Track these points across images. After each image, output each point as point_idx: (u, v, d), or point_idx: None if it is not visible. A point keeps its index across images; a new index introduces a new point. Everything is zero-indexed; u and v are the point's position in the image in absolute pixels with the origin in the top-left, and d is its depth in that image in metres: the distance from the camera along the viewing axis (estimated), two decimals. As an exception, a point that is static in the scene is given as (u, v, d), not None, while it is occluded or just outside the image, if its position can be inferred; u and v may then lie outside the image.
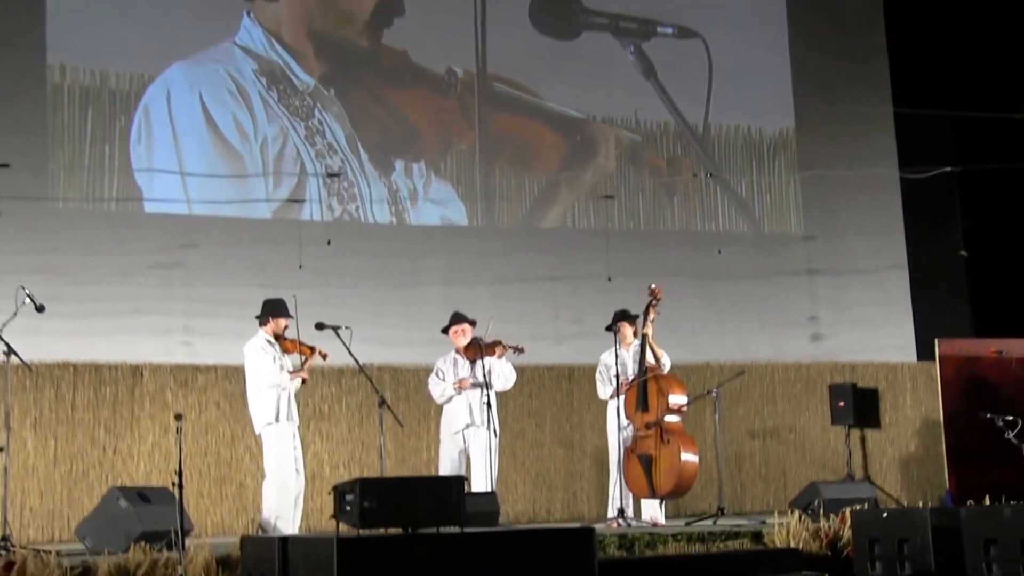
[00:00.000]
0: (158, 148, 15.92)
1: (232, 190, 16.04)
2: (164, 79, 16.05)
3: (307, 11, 16.97)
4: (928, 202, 18.69)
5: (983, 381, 15.75)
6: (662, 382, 13.26)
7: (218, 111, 16.25)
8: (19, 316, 11.40)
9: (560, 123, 17.82)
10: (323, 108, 16.71)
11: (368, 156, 16.78)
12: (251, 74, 16.45)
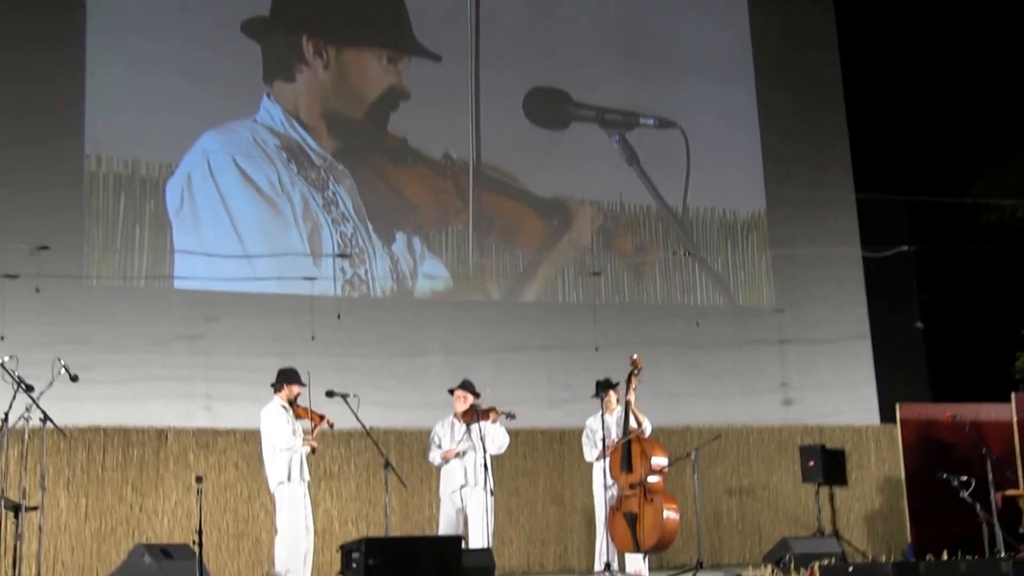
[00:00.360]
0: (204, 214, 15.97)
1: (250, 267, 16.02)
2: (200, 148, 16.11)
3: (322, 91, 17.01)
4: (887, 278, 18.71)
5: (940, 443, 15.72)
6: (644, 445, 13.22)
7: (255, 172, 16.33)
8: (55, 385, 11.38)
9: (543, 206, 17.81)
10: (336, 181, 16.73)
11: (373, 227, 16.80)
12: (273, 148, 16.50)
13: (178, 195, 15.87)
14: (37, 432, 11.46)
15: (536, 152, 17.95)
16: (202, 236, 15.88)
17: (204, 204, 15.99)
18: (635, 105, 18.62)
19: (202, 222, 15.93)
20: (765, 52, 19.33)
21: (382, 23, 17.55)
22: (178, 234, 15.77)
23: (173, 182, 15.87)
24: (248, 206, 16.19)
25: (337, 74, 17.13)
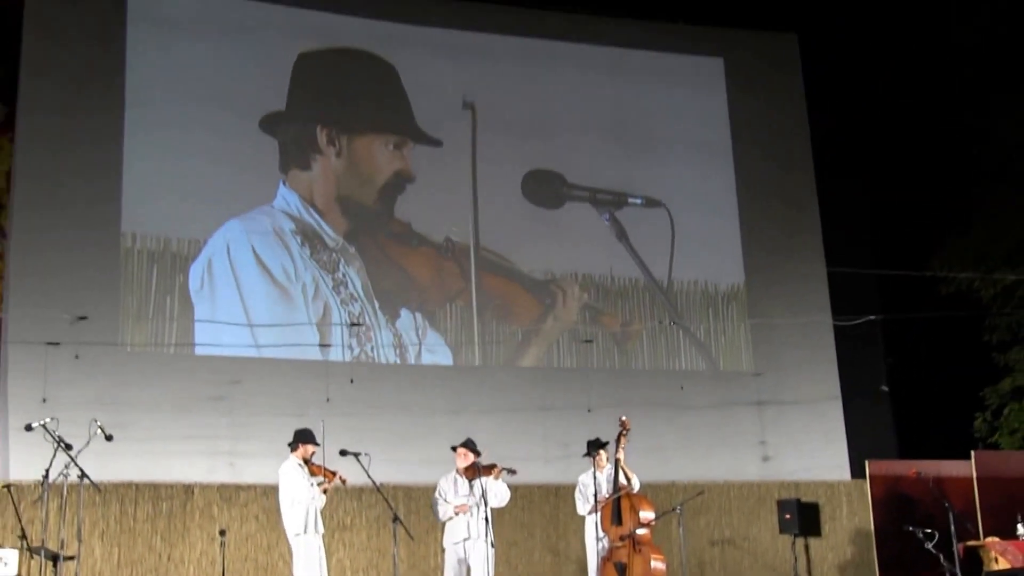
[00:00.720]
0: (221, 298, 16.05)
1: (272, 336, 16.07)
2: (222, 235, 16.23)
3: (335, 178, 17.12)
4: (856, 344, 18.64)
5: (906, 498, 15.71)
6: (633, 500, 13.17)
7: (270, 259, 16.42)
8: (91, 444, 11.46)
9: (535, 287, 17.86)
10: (347, 263, 16.81)
11: (379, 304, 16.86)
12: (289, 233, 16.60)
13: (199, 278, 16.00)
14: (74, 487, 11.54)
15: (531, 232, 18.03)
16: (219, 312, 15.94)
17: (223, 289, 16.11)
18: (624, 186, 18.68)
19: (218, 305, 16.01)
20: (742, 137, 19.37)
21: (388, 112, 17.66)
22: (198, 312, 15.87)
23: (195, 266, 16.02)
24: (261, 293, 16.29)
25: (348, 160, 17.28)
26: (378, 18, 17.87)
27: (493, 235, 17.78)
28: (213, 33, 16.91)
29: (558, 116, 18.63)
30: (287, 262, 16.48)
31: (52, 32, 15.84)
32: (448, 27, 18.23)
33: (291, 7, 17.37)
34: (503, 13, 18.50)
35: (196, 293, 15.93)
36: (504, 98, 18.30)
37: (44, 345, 14.51)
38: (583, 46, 18.96)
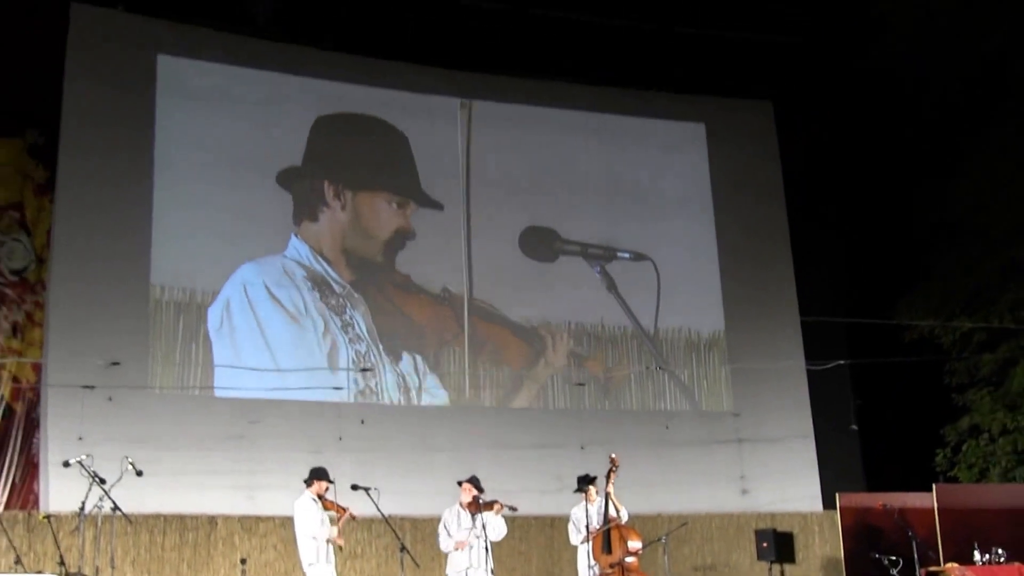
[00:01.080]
0: (240, 332, 16.17)
1: (285, 379, 16.10)
2: (239, 276, 16.37)
3: (341, 231, 17.25)
4: (827, 387, 18.71)
5: (873, 527, 15.67)
6: (622, 530, 13.15)
7: (283, 296, 16.54)
8: (123, 479, 11.53)
9: (526, 334, 17.96)
10: (353, 307, 16.92)
11: (383, 346, 16.94)
12: (300, 279, 16.71)
13: (218, 317, 16.13)
14: (108, 518, 11.61)
15: (527, 283, 18.17)
16: (239, 351, 16.06)
17: (241, 324, 16.25)
18: (613, 241, 18.80)
19: (238, 340, 16.13)
20: (722, 196, 19.48)
21: (394, 175, 17.76)
22: (217, 349, 15.97)
23: (213, 308, 16.13)
24: (279, 325, 16.41)
25: (353, 214, 17.39)
26: (388, 87, 17.97)
27: (488, 286, 17.88)
28: (237, 101, 17.04)
29: (553, 176, 18.75)
30: (298, 300, 16.59)
31: (89, 103, 15.92)
32: (449, 95, 18.34)
33: (307, 77, 17.53)
34: (502, 82, 18.63)
35: (216, 332, 16.02)
36: (502, 160, 18.44)
37: (80, 388, 14.58)
38: (576, 112, 19.10)
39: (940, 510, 15.76)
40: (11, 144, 15.64)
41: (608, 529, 13.20)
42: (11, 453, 14.73)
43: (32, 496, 14.56)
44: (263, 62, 17.30)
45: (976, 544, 14.98)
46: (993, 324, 18.52)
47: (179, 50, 16.80)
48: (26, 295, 15.39)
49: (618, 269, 18.72)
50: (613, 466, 13.39)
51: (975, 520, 15.55)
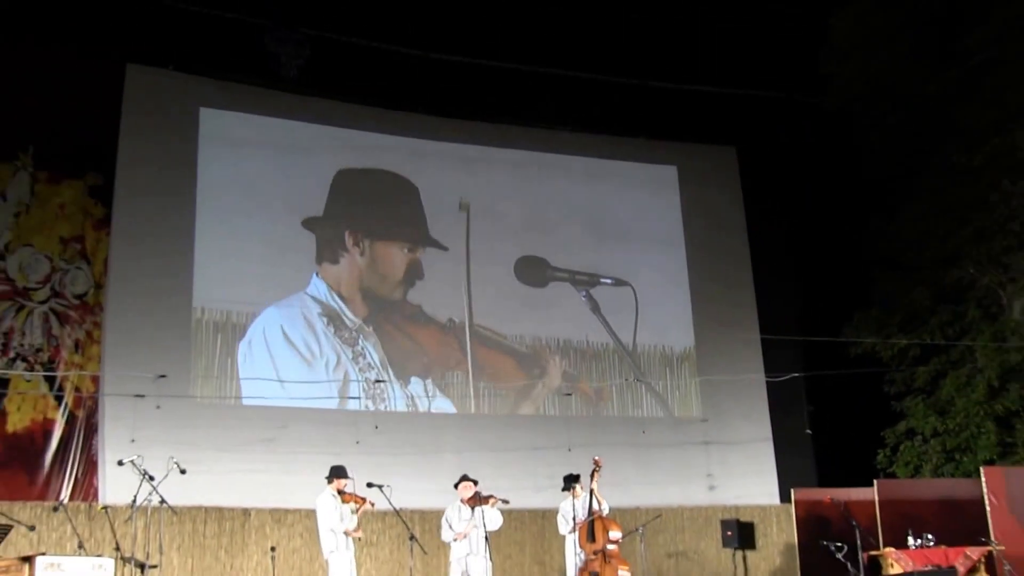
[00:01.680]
0: (258, 363, 16.18)
1: (309, 391, 16.18)
2: (262, 319, 16.38)
3: (359, 273, 17.29)
4: (784, 396, 18.76)
5: (823, 518, 15.66)
6: (604, 522, 13.20)
7: (296, 338, 16.52)
8: (169, 476, 11.64)
9: (522, 358, 18.03)
10: (364, 339, 16.95)
11: (393, 372, 16.99)
12: (316, 315, 16.74)
13: (243, 354, 16.14)
14: (156, 510, 11.65)
15: (521, 307, 18.19)
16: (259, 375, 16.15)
17: (260, 361, 16.25)
18: (597, 268, 18.86)
19: (257, 370, 16.15)
20: (693, 230, 19.54)
21: (405, 222, 17.82)
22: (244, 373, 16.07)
23: (242, 344, 16.15)
24: (292, 366, 16.40)
25: (370, 259, 17.46)
26: (399, 134, 18.07)
27: (487, 312, 17.94)
28: (268, 147, 17.13)
29: (544, 212, 18.81)
30: (312, 341, 16.60)
31: (141, 149, 16.04)
32: (453, 141, 18.43)
33: (331, 127, 17.67)
34: (498, 130, 18.74)
35: (243, 364, 16.08)
36: (499, 198, 18.51)
37: (132, 397, 14.70)
38: (563, 156, 19.17)
39: (880, 502, 15.82)
40: (74, 185, 15.75)
41: (592, 521, 13.26)
42: (74, 452, 14.82)
43: (92, 490, 14.63)
44: (291, 113, 17.38)
45: (910, 531, 15.07)
46: (926, 341, 18.57)
47: (219, 103, 16.94)
48: (86, 316, 15.44)
49: (601, 293, 18.78)
50: (596, 467, 13.47)
51: (910, 511, 15.59)
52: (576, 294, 18.69)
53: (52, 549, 12.87)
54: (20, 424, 14.80)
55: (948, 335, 18.53)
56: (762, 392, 18.87)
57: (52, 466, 14.73)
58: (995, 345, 17.68)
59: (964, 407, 17.90)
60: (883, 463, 18.75)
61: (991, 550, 14.77)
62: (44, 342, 15.14)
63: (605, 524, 13.23)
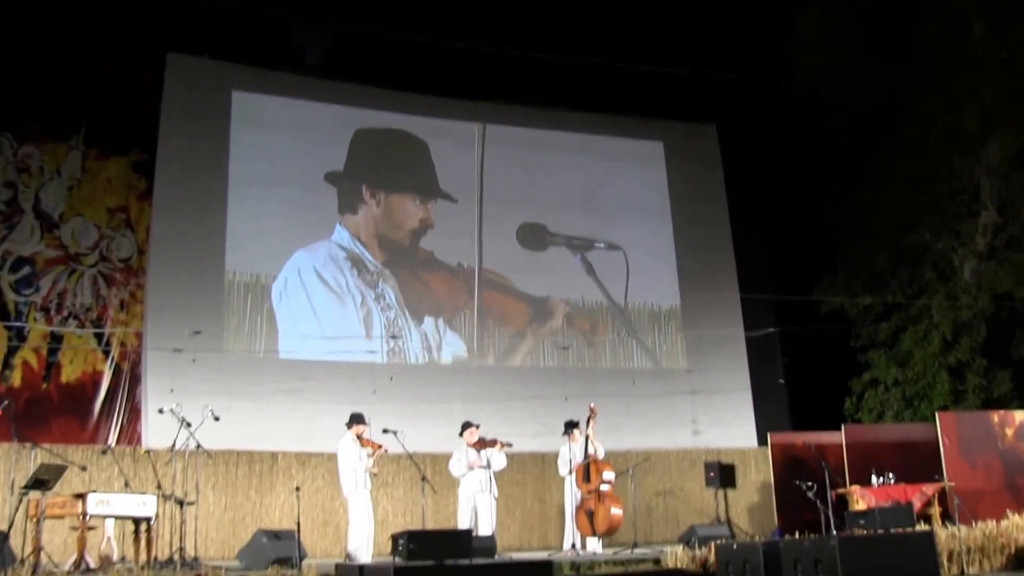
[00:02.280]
0: (295, 304, 16.13)
1: (330, 344, 16.09)
2: (293, 262, 16.34)
3: (375, 221, 17.14)
4: (761, 350, 18.73)
5: (796, 459, 15.66)
6: (599, 464, 13.33)
7: (328, 275, 16.48)
8: (205, 423, 11.71)
9: (528, 300, 17.87)
10: (384, 281, 16.85)
11: (409, 313, 16.89)
12: (342, 259, 16.66)
13: (278, 293, 16.08)
14: (193, 453, 11.82)
15: (523, 264, 18.03)
16: (295, 322, 16.03)
17: (295, 299, 16.16)
18: (591, 234, 18.65)
19: (293, 312, 16.08)
20: (677, 199, 19.36)
21: (417, 177, 17.68)
22: (280, 318, 15.97)
23: (275, 285, 16.11)
24: (325, 300, 16.35)
25: (385, 210, 17.32)
26: (411, 113, 17.92)
27: (494, 263, 17.82)
28: (293, 126, 17.02)
29: (544, 183, 18.57)
30: (340, 279, 16.53)
31: (179, 128, 15.98)
32: (461, 120, 18.29)
33: (350, 107, 17.51)
34: (502, 109, 18.56)
35: (277, 304, 15.99)
36: (503, 170, 18.29)
37: (171, 351, 14.60)
38: (560, 132, 18.97)
39: (847, 445, 15.82)
40: (120, 161, 15.72)
41: (588, 463, 13.31)
42: (120, 401, 14.82)
43: (136, 435, 14.65)
44: (314, 95, 17.26)
45: (873, 470, 15.08)
46: (887, 299, 18.75)
47: (249, 87, 16.83)
48: (130, 279, 15.40)
49: (595, 257, 18.58)
50: (592, 414, 13.55)
51: (873, 452, 15.64)
52: (572, 258, 18.48)
53: (101, 487, 12.87)
54: (72, 375, 14.78)
55: (907, 294, 18.73)
56: (741, 346, 18.77)
57: (100, 413, 14.72)
58: (948, 303, 17.95)
59: (921, 359, 18.13)
60: (850, 409, 18.78)
61: (943, 486, 14.91)
62: (93, 302, 15.13)
63: (599, 466, 13.33)
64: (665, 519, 17.16)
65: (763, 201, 19.58)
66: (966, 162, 18.16)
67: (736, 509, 17.26)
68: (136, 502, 10.82)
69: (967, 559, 12.15)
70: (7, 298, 14.56)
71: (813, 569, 9.38)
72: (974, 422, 16.26)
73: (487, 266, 17.74)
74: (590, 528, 13.13)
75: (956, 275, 18.31)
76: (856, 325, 19.18)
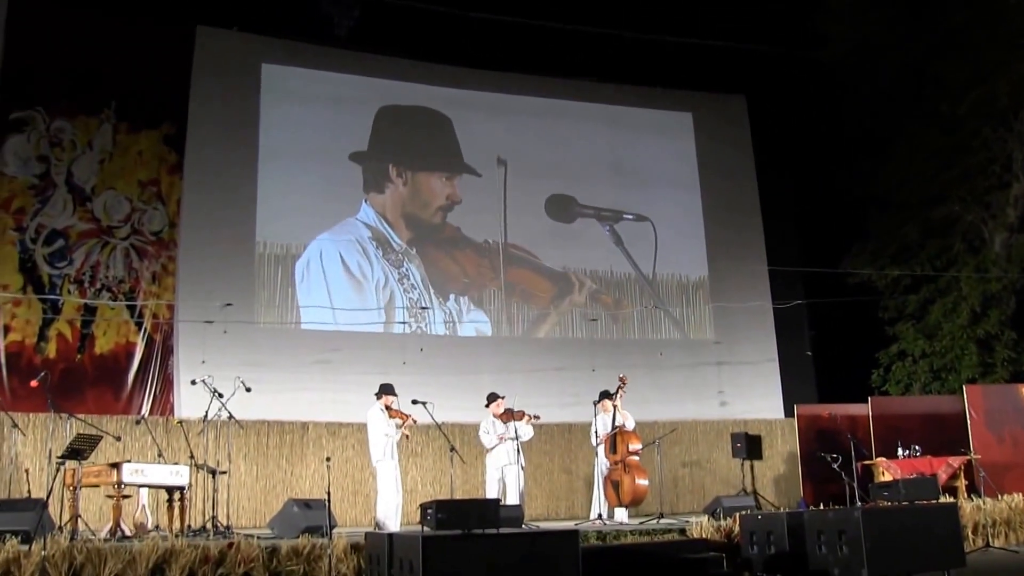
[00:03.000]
0: (314, 286, 16.21)
1: (359, 316, 16.22)
2: (317, 243, 16.40)
3: (402, 200, 17.22)
4: (789, 321, 18.71)
5: (822, 431, 15.77)
6: (626, 435, 13.34)
7: (350, 261, 16.55)
8: (236, 394, 11.83)
9: (552, 276, 17.93)
10: (408, 261, 16.94)
11: (434, 291, 16.99)
12: (366, 239, 16.76)
13: (301, 273, 16.20)
14: (225, 423, 11.93)
15: (549, 239, 18.06)
16: (314, 299, 16.16)
17: (315, 283, 16.26)
18: (620, 205, 18.69)
19: (313, 295, 16.17)
20: (707, 171, 19.32)
21: (441, 152, 17.73)
22: (300, 296, 16.10)
23: (298, 264, 16.21)
24: (343, 285, 16.41)
25: (412, 189, 17.39)
26: (438, 84, 17.97)
27: (519, 239, 17.86)
28: (321, 98, 17.08)
29: (572, 155, 18.60)
30: (364, 263, 16.61)
31: (210, 102, 16.11)
32: (488, 91, 18.30)
33: (378, 79, 17.55)
34: (529, 81, 18.54)
35: (299, 285, 16.13)
36: (531, 142, 18.30)
37: (203, 323, 14.79)
38: (587, 104, 18.96)
39: (873, 417, 15.89)
40: (151, 135, 15.84)
41: (615, 434, 13.37)
42: (152, 372, 15.01)
43: (169, 405, 14.86)
44: (343, 67, 17.34)
45: (899, 443, 15.14)
46: (916, 272, 18.72)
47: (279, 60, 16.91)
48: (162, 251, 15.56)
49: (624, 228, 18.63)
50: (622, 384, 13.57)
51: (900, 424, 15.71)
52: (601, 229, 18.53)
53: (136, 457, 13.08)
54: (106, 347, 14.99)
55: (936, 266, 18.66)
56: (769, 317, 18.79)
57: (134, 384, 14.93)
58: (978, 276, 17.93)
59: (950, 331, 18.14)
60: (877, 382, 18.85)
61: (969, 459, 14.91)
62: (126, 274, 15.31)
63: (626, 437, 13.37)
64: (691, 490, 17.30)
65: (792, 173, 19.51)
66: (998, 133, 18.11)
67: (762, 481, 17.29)
68: (169, 471, 11.05)
69: (992, 532, 12.24)
70: (42, 271, 14.78)
71: (837, 540, 9.40)
72: (1002, 395, 16.28)
73: (512, 240, 17.80)
74: (616, 498, 13.19)
75: (986, 247, 18.28)
76: (884, 297, 19.22)
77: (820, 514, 10.03)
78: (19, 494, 12.26)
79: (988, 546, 11.97)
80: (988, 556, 11.57)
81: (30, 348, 14.48)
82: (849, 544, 9.27)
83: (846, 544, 9.30)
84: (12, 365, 14.29)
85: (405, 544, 7.88)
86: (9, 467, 13.13)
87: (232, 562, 8.66)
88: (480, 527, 7.92)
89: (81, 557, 8.29)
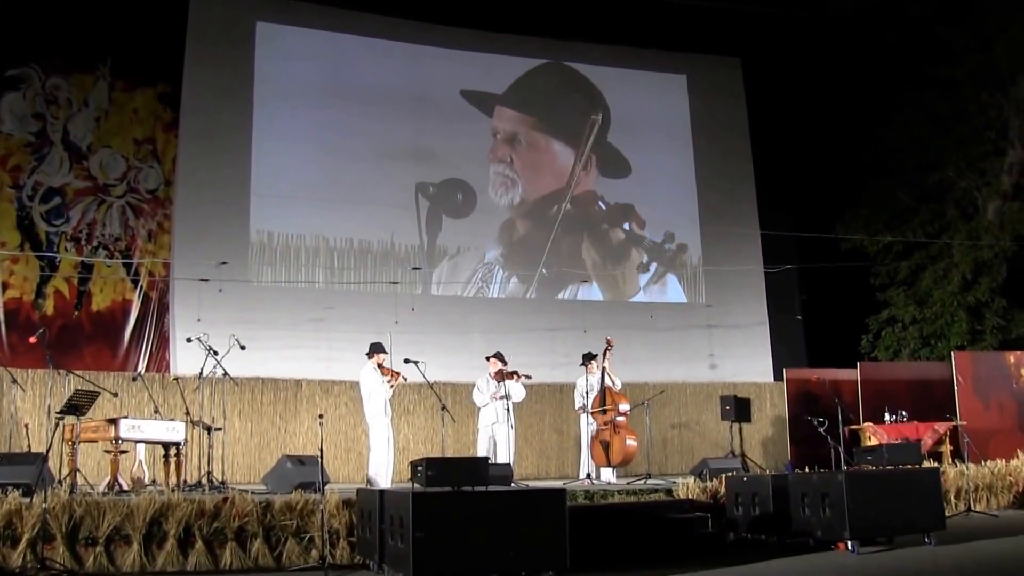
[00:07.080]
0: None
1: (355, 276, 16.35)
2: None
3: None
4: (779, 286, 18.85)
5: (811, 395, 15.93)
6: (615, 395, 13.42)
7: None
8: (231, 351, 11.92)
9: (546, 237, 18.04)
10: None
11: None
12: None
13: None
14: (220, 381, 12.08)
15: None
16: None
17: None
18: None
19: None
20: (700, 133, 19.33)
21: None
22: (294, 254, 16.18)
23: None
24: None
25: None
26: (433, 44, 17.91)
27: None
28: (314, 57, 17.05)
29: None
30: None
31: (205, 60, 16.12)
32: (483, 52, 18.28)
33: (371, 38, 17.53)
34: (523, 41, 18.49)
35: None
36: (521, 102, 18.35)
37: (199, 281, 14.81)
38: (583, 65, 18.95)
39: (862, 382, 16.06)
40: (146, 92, 15.90)
41: (604, 394, 13.47)
42: (148, 329, 15.17)
43: (164, 362, 15.00)
44: (336, 26, 17.25)
45: (887, 408, 15.30)
46: (908, 238, 18.78)
47: (273, 18, 16.87)
48: (157, 209, 15.67)
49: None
50: (609, 346, 13.62)
51: (888, 389, 15.86)
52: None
53: (132, 413, 13.05)
54: (103, 304, 15.15)
55: (928, 233, 18.72)
56: (760, 281, 18.85)
57: (130, 341, 15.10)
58: (970, 243, 17.96)
59: (940, 298, 18.18)
60: (866, 347, 18.98)
61: (955, 425, 15.05)
62: (122, 232, 15.44)
63: (615, 398, 13.43)
64: (680, 451, 17.47)
65: (786, 136, 19.37)
66: (994, 100, 18.07)
67: (750, 443, 17.48)
68: (166, 427, 11.23)
69: (974, 496, 12.51)
70: (39, 228, 14.91)
71: (820, 502, 9.63)
72: (990, 362, 16.45)
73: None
74: (605, 458, 13.31)
75: (979, 214, 18.30)
76: (876, 263, 19.31)
77: (805, 477, 10.24)
78: (19, 448, 12.40)
79: (969, 510, 12.23)
80: (969, 520, 11.84)
81: (28, 305, 14.65)
82: (832, 506, 9.50)
83: (829, 506, 9.53)
84: (11, 321, 14.49)
85: (396, 500, 8.02)
86: (9, 422, 13.30)
87: (227, 516, 8.84)
88: (469, 484, 8.10)
89: (80, 510, 8.51)
